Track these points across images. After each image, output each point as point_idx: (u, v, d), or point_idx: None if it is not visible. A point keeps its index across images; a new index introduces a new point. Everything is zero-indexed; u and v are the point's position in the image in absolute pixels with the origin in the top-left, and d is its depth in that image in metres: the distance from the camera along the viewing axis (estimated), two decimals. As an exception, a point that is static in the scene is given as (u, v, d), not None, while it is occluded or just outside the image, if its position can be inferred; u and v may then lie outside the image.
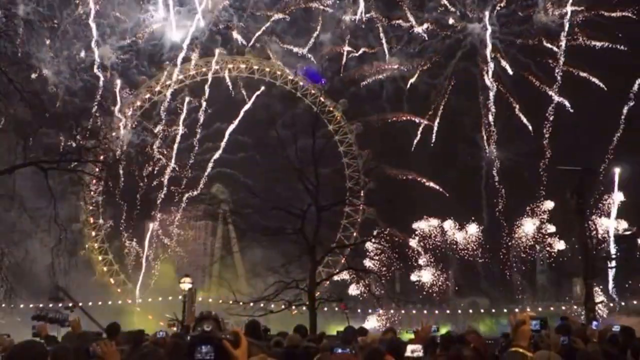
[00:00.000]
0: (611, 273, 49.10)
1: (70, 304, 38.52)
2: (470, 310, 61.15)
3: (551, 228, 61.59)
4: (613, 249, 47.98)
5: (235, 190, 60.23)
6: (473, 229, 63.43)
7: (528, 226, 62.47)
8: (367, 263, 40.59)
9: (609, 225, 53.79)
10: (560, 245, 60.31)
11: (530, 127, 65.25)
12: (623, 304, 53.87)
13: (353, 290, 45.35)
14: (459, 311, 61.96)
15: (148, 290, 66.99)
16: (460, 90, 68.01)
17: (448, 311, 62.36)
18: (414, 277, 61.45)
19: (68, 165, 28.78)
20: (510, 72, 67.04)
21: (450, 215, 64.14)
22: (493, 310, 57.44)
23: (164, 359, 6.68)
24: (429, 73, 68.27)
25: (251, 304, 30.75)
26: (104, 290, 66.75)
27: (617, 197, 56.67)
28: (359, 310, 56.32)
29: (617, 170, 57.32)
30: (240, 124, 68.96)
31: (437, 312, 61.63)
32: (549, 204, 61.05)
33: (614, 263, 41.82)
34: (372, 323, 55.36)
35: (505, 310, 57.55)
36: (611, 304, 53.15)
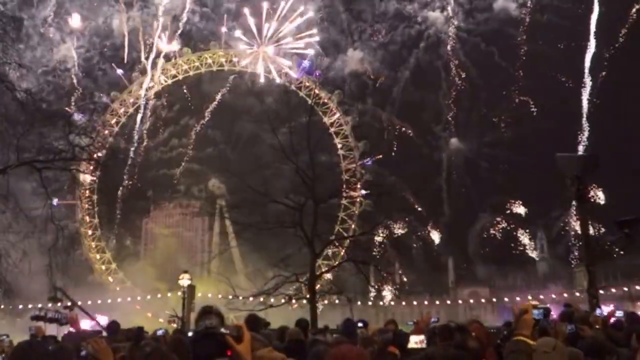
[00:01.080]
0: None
1: (69, 304, 38.37)
2: (472, 300, 61.38)
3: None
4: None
5: (231, 185, 60.17)
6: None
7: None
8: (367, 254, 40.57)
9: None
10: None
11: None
12: (626, 289, 54.17)
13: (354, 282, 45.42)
14: (460, 301, 62.20)
15: (147, 288, 66.94)
16: (423, 82, 68.01)
17: (449, 302, 62.59)
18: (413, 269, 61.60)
19: (62, 164, 28.54)
20: (472, 61, 67.12)
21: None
22: (494, 300, 57.68)
23: (167, 355, 6.58)
24: (392, 65, 68.11)
25: (251, 299, 30.69)
26: (102, 289, 66.70)
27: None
28: (359, 302, 56.46)
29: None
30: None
31: (437, 302, 61.90)
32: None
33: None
34: (373, 315, 55.46)
35: (506, 299, 57.84)
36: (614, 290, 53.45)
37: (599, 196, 58.58)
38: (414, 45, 69.35)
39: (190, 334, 11.40)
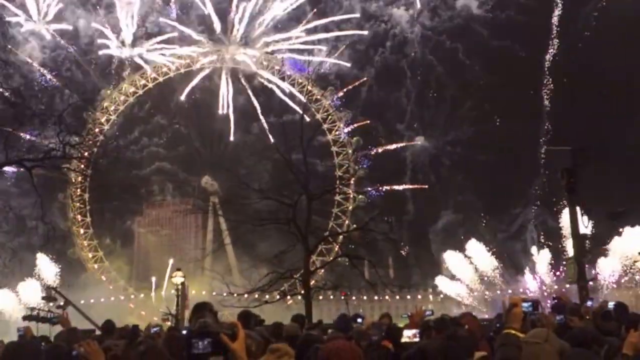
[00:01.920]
0: None
1: (63, 303, 38.25)
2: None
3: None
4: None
5: (225, 181, 60.18)
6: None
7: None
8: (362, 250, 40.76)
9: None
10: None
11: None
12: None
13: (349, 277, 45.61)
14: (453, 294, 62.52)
15: (140, 286, 66.80)
16: (388, 80, 68.03)
17: (442, 296, 62.97)
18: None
19: (53, 162, 28.33)
20: (437, 59, 67.08)
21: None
22: (487, 293, 58.15)
23: (162, 353, 6.60)
24: (358, 65, 67.92)
25: (245, 296, 30.70)
26: (96, 288, 66.46)
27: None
28: (353, 298, 56.66)
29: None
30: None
31: (431, 296, 62.25)
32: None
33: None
34: (368, 309, 55.73)
35: (498, 292, 58.32)
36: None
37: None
38: (379, 44, 69.16)
39: (184, 331, 11.39)
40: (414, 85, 68.53)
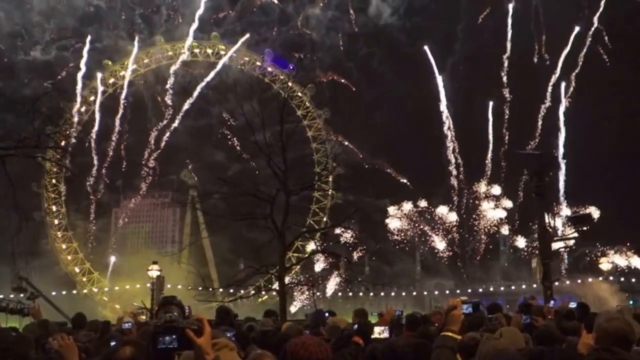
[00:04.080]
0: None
1: (34, 293, 37.61)
2: (436, 292, 62.62)
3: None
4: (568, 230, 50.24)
5: (203, 176, 59.82)
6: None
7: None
8: (338, 248, 41.01)
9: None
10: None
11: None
12: (580, 281, 56.29)
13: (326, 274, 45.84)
14: (425, 292, 63.44)
15: (115, 279, 65.99)
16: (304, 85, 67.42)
17: (415, 293, 63.78)
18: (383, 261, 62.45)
19: (26, 151, 27.77)
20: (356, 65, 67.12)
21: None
22: (458, 292, 59.06)
23: (138, 343, 6.59)
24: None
25: (221, 290, 30.67)
26: (68, 279, 65.48)
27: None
28: (330, 293, 57.03)
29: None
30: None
31: (404, 294, 62.97)
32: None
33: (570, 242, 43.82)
34: (343, 305, 56.12)
35: (470, 291, 59.31)
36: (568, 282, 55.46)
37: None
38: (295, 48, 68.89)
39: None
40: (330, 92, 67.69)
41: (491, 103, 64.67)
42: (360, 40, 67.85)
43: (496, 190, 63.54)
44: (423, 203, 63.93)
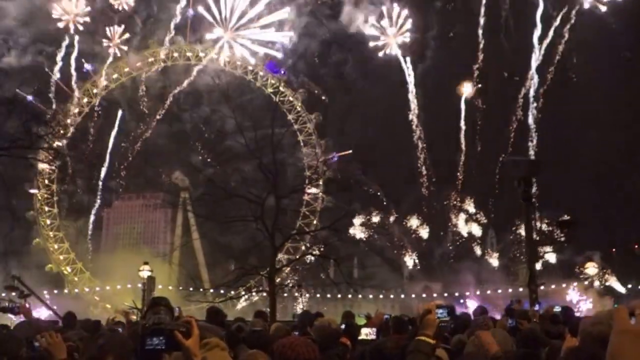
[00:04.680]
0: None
1: (25, 292, 37.39)
2: (424, 295, 62.85)
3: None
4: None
5: (195, 178, 59.72)
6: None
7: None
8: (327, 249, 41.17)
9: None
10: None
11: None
12: (564, 285, 56.91)
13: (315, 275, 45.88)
14: (413, 295, 63.66)
15: (106, 279, 65.73)
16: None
17: (403, 296, 64.04)
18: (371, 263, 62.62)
19: (19, 152, 27.70)
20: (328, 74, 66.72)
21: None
22: (445, 295, 59.38)
23: (125, 342, 6.70)
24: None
25: (211, 291, 30.72)
26: (60, 279, 65.14)
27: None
28: (318, 295, 57.10)
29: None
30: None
31: (392, 296, 63.26)
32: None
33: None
34: (332, 307, 56.24)
35: (457, 294, 59.69)
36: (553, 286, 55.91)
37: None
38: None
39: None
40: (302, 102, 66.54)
41: (463, 111, 64.63)
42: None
43: (470, 206, 64.20)
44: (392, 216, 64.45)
